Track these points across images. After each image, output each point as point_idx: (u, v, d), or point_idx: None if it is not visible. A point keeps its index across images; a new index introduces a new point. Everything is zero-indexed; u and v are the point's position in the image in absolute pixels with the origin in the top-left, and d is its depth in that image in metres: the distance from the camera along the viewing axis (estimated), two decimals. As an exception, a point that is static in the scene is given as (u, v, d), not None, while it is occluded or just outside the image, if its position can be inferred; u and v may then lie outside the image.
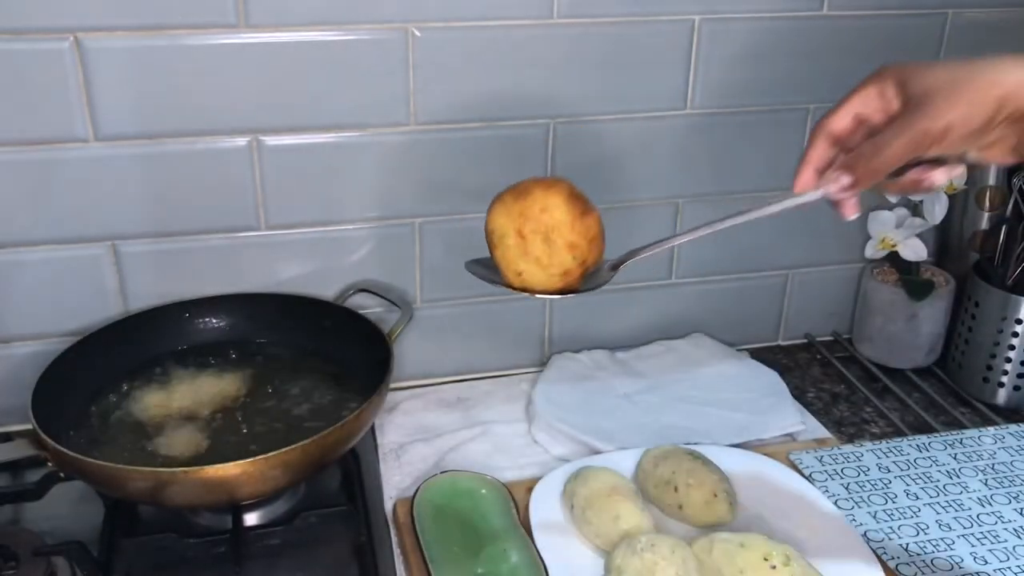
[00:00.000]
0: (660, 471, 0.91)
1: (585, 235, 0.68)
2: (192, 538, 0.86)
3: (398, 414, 1.09)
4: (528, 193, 0.69)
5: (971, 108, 0.59)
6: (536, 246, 0.68)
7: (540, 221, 0.68)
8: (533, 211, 0.68)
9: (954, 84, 0.59)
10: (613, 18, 1.04)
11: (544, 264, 0.68)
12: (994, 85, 0.58)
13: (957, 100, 0.59)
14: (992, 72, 0.59)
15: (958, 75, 0.60)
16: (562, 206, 0.68)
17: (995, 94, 0.58)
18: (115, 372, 1.00)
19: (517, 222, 0.69)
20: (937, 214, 1.13)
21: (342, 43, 0.98)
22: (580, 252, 0.69)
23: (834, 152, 0.67)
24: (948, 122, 0.59)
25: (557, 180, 0.71)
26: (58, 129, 0.95)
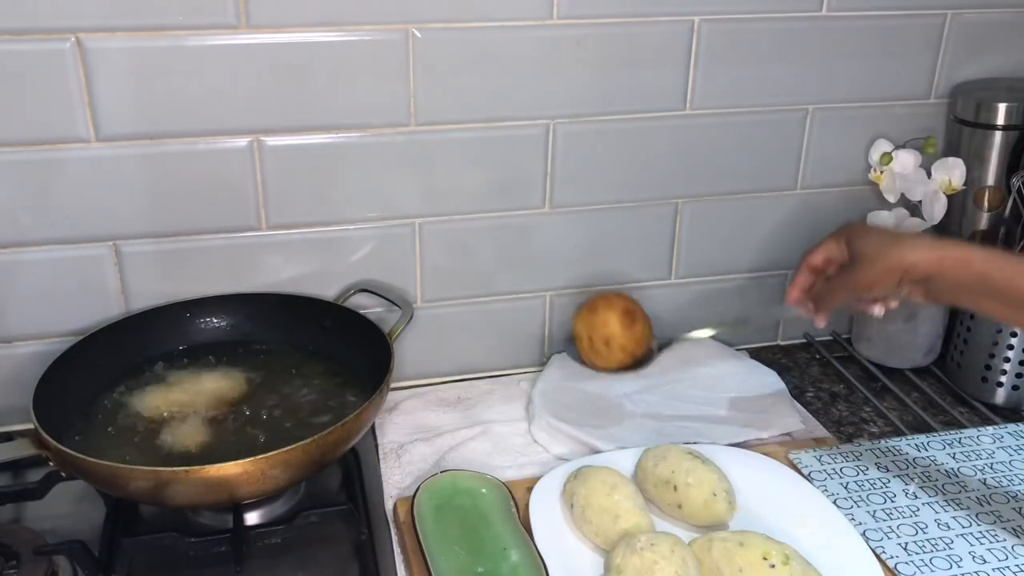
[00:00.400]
0: (659, 470, 0.91)
1: (633, 339, 0.99)
2: (193, 537, 0.87)
3: (398, 414, 1.09)
4: (595, 309, 1.00)
5: (885, 274, 0.83)
6: (600, 346, 1.00)
7: (602, 331, 0.99)
8: (597, 323, 0.99)
9: (876, 254, 0.83)
10: (613, 18, 1.04)
11: (605, 358, 1.00)
12: (900, 259, 0.82)
13: (876, 266, 0.83)
14: (900, 250, 0.82)
15: (880, 247, 0.84)
16: (616, 321, 0.99)
17: (900, 266, 0.82)
18: (116, 372, 1.00)
19: (588, 330, 1.01)
20: (936, 214, 1.14)
21: (342, 43, 0.98)
22: (630, 350, 0.99)
23: (813, 278, 0.92)
24: (870, 281, 0.84)
25: (618, 298, 1.01)
26: (59, 129, 0.95)
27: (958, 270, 0.80)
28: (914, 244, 0.82)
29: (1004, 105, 1.13)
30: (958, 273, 0.80)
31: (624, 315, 0.99)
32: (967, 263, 0.79)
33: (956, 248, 0.81)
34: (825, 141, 1.17)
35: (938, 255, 0.80)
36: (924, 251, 0.81)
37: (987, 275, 0.78)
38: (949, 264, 0.80)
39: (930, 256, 0.81)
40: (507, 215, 1.11)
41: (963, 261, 0.79)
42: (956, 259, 0.80)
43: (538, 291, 1.17)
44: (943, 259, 0.80)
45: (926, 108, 1.19)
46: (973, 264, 0.79)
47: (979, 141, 1.16)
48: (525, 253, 1.14)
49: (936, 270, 0.80)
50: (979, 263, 0.79)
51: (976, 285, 0.79)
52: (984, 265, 0.79)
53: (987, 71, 1.18)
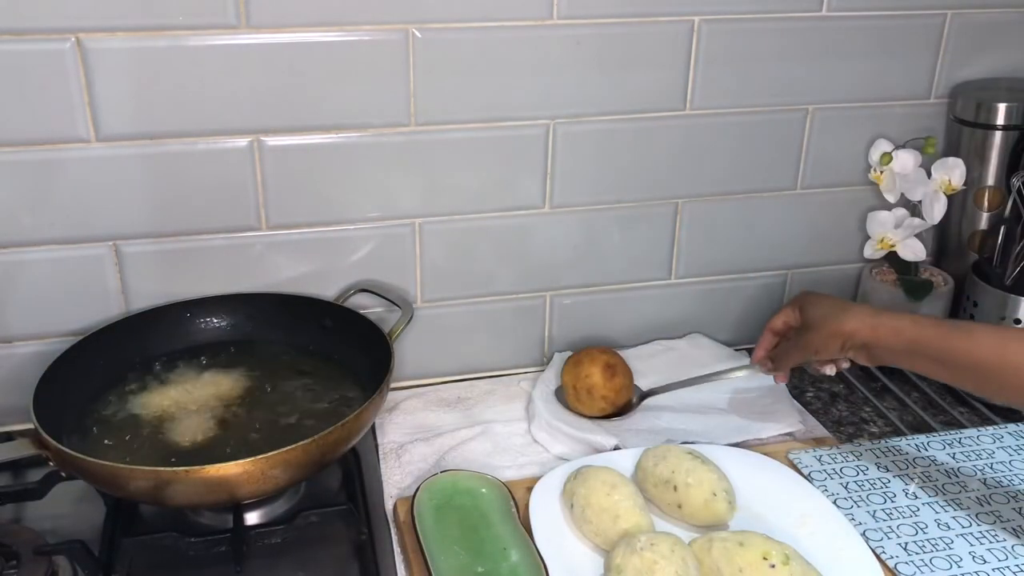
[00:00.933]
0: (659, 470, 0.91)
1: (613, 390, 1.05)
2: (193, 537, 0.87)
3: (398, 414, 1.09)
4: (580, 362, 1.07)
5: (828, 339, 0.93)
6: (583, 395, 1.06)
7: (585, 382, 1.06)
8: (581, 375, 1.06)
9: (822, 321, 0.93)
10: (613, 18, 1.04)
11: (588, 406, 1.06)
12: (840, 327, 0.91)
13: (821, 333, 0.93)
14: (841, 319, 0.91)
15: (825, 315, 0.93)
16: (598, 374, 1.05)
17: (840, 333, 0.91)
18: (116, 372, 1.00)
19: (573, 380, 1.07)
20: (936, 214, 1.14)
21: (342, 43, 0.98)
22: (611, 400, 1.06)
23: (775, 340, 1.02)
24: (816, 345, 0.94)
25: (600, 352, 1.07)
26: (60, 129, 0.95)
27: (891, 337, 0.88)
28: (854, 314, 0.91)
29: (1004, 105, 1.13)
30: (891, 340, 0.88)
31: (605, 368, 1.06)
32: (898, 331, 0.87)
33: (890, 318, 0.89)
34: (825, 141, 1.17)
35: (871, 324, 0.89)
36: (861, 320, 0.90)
37: (917, 341, 0.86)
38: (882, 332, 0.88)
39: (865, 325, 0.89)
40: (507, 215, 1.11)
41: (895, 329, 0.88)
42: (889, 328, 0.88)
43: (538, 291, 1.17)
44: (876, 328, 0.89)
45: (926, 108, 1.19)
46: (904, 332, 0.87)
47: (979, 141, 1.16)
48: (525, 253, 1.14)
49: (872, 338, 0.89)
50: (909, 330, 0.87)
51: (909, 350, 0.87)
52: (914, 332, 0.86)
53: (987, 71, 1.18)
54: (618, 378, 1.06)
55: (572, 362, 1.09)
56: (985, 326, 0.89)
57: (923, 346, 0.86)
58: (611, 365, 1.06)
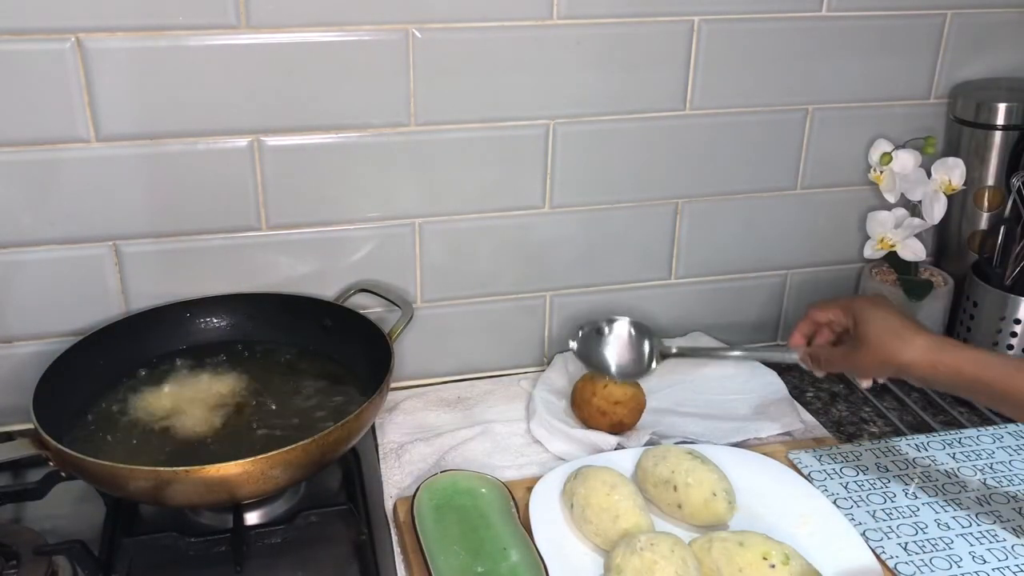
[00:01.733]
0: (659, 470, 0.91)
1: (608, 400, 1.03)
2: (193, 537, 0.87)
3: (398, 413, 1.09)
4: (585, 379, 1.06)
5: (882, 366, 0.88)
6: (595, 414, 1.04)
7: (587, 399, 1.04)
8: (587, 392, 1.04)
9: (877, 344, 0.87)
10: (613, 18, 1.04)
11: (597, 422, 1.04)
12: (896, 357, 0.86)
13: (875, 357, 0.88)
14: (899, 347, 0.86)
15: (882, 339, 0.87)
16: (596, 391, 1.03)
17: (896, 363, 0.86)
18: (116, 372, 1.00)
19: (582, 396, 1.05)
20: (936, 214, 1.14)
21: (342, 43, 0.98)
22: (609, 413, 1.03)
23: (814, 328, 0.96)
24: (868, 368, 0.91)
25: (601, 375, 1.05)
26: (60, 129, 0.95)
27: (950, 376, 0.84)
28: (914, 344, 0.85)
29: (1004, 105, 1.13)
30: (951, 378, 0.84)
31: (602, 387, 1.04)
32: (958, 371, 0.83)
33: (951, 355, 0.84)
34: (825, 141, 1.17)
35: (931, 361, 0.84)
36: (920, 354, 0.85)
37: (978, 380, 0.83)
38: (942, 371, 0.84)
39: (924, 361, 0.85)
40: (507, 215, 1.11)
41: (955, 369, 0.83)
42: (949, 367, 0.84)
43: (538, 291, 1.17)
44: (936, 365, 0.84)
45: (926, 108, 1.19)
46: (964, 372, 0.83)
47: (979, 141, 1.16)
48: (525, 253, 1.14)
49: (930, 374, 0.85)
50: (970, 370, 0.83)
51: (969, 388, 0.85)
52: (975, 371, 0.83)
53: (987, 71, 1.18)
54: (610, 389, 1.03)
55: (581, 381, 1.06)
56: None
57: (985, 385, 0.83)
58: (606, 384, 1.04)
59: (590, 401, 1.04)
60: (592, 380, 1.05)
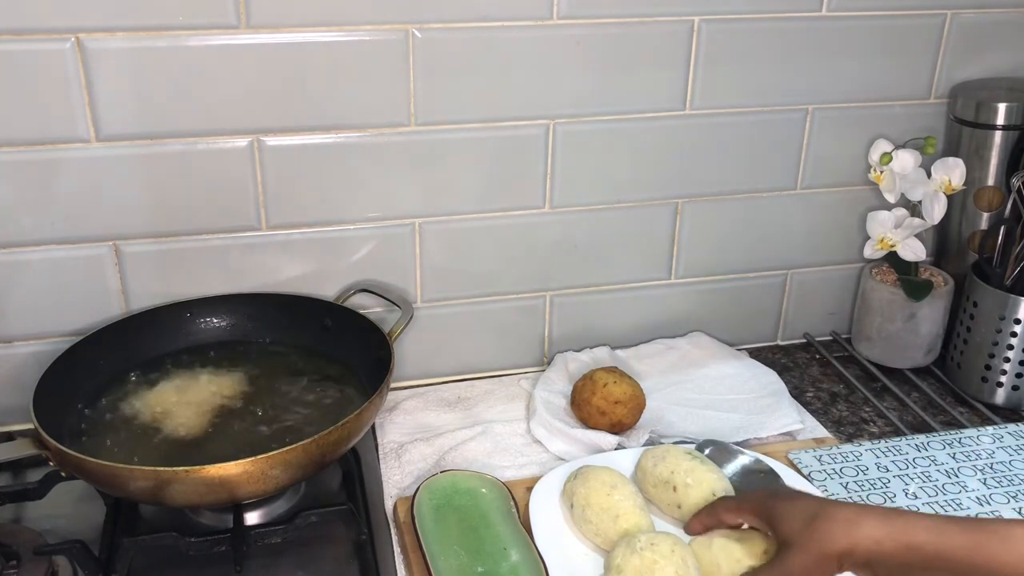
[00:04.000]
0: (659, 470, 0.91)
1: (608, 399, 1.03)
2: (193, 537, 0.87)
3: (398, 413, 1.09)
4: (585, 379, 1.07)
5: (821, 562, 0.72)
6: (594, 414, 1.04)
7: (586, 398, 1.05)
8: (586, 392, 1.05)
9: (804, 541, 0.72)
10: (613, 18, 1.04)
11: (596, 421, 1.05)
12: (832, 546, 0.71)
13: (809, 554, 0.72)
14: (831, 535, 0.71)
15: (808, 531, 0.72)
16: (596, 390, 1.04)
17: (834, 553, 0.71)
18: (116, 372, 1.00)
19: (582, 396, 1.06)
20: (936, 214, 1.14)
21: (342, 43, 0.98)
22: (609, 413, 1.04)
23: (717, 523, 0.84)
24: (806, 570, 0.72)
25: (598, 371, 1.06)
26: (60, 129, 0.95)
27: (904, 553, 0.69)
28: (846, 522, 0.71)
29: (1004, 105, 1.13)
30: (905, 556, 0.69)
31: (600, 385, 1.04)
32: (912, 547, 0.68)
33: (899, 528, 0.69)
34: (825, 141, 1.17)
35: (874, 539, 0.69)
36: (857, 533, 0.70)
37: (939, 556, 0.68)
38: (891, 548, 0.69)
39: (864, 540, 0.70)
40: (507, 215, 1.11)
41: (907, 546, 0.69)
42: (899, 543, 0.69)
43: (538, 291, 1.17)
44: (882, 543, 0.69)
45: (926, 108, 1.19)
46: (922, 547, 0.68)
47: (979, 141, 1.16)
48: (525, 253, 1.14)
49: (877, 554, 0.69)
50: (928, 543, 0.68)
51: (926, 566, 0.69)
52: (935, 545, 0.68)
53: (987, 71, 1.18)
54: (609, 389, 1.04)
55: (580, 381, 1.07)
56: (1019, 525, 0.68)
57: (947, 561, 0.67)
58: (604, 382, 1.04)
59: (590, 401, 1.04)
60: (592, 380, 1.05)
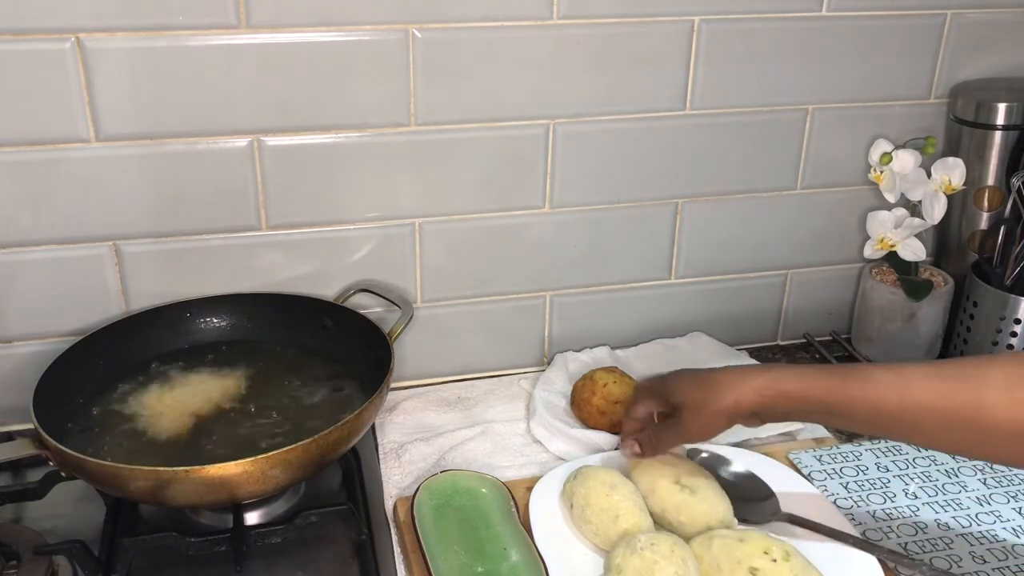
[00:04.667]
0: (651, 504, 0.90)
1: (607, 399, 1.03)
2: (193, 537, 0.87)
3: (398, 413, 1.09)
4: (585, 378, 1.07)
5: (712, 420, 0.81)
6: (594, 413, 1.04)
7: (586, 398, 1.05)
8: (586, 392, 1.05)
9: (695, 404, 0.82)
10: (613, 18, 1.04)
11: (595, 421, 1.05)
12: (719, 403, 0.80)
13: (701, 415, 0.82)
14: (717, 394, 0.80)
15: (697, 394, 0.82)
16: (596, 390, 1.04)
17: (722, 411, 0.80)
18: (116, 372, 1.00)
19: (582, 395, 1.06)
20: (936, 214, 1.14)
21: (342, 43, 0.98)
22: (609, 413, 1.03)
23: (639, 425, 0.91)
24: (700, 429, 0.83)
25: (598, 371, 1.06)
26: (60, 129, 0.95)
27: (779, 401, 0.78)
28: (729, 384, 0.80)
29: (1004, 105, 1.13)
30: (780, 403, 0.78)
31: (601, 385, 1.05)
32: (784, 394, 0.77)
33: (773, 378, 0.78)
34: (825, 141, 1.17)
35: (753, 389, 0.78)
36: (740, 389, 0.79)
37: (807, 399, 0.76)
38: (769, 396, 0.78)
39: (747, 392, 0.78)
40: (507, 215, 1.11)
41: (781, 393, 0.77)
42: (774, 391, 0.77)
43: (538, 291, 1.17)
44: (760, 392, 0.78)
45: (926, 108, 1.19)
46: (791, 393, 0.77)
47: (979, 141, 1.16)
48: (525, 253, 1.14)
49: (758, 404, 0.79)
50: (796, 389, 0.77)
51: (800, 409, 0.78)
52: (802, 390, 0.77)
53: (987, 71, 1.18)
54: (608, 388, 1.04)
55: (580, 381, 1.07)
56: (881, 368, 0.76)
57: (815, 403, 0.76)
58: (604, 382, 1.04)
59: (590, 401, 1.04)
60: (592, 380, 1.05)
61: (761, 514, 0.89)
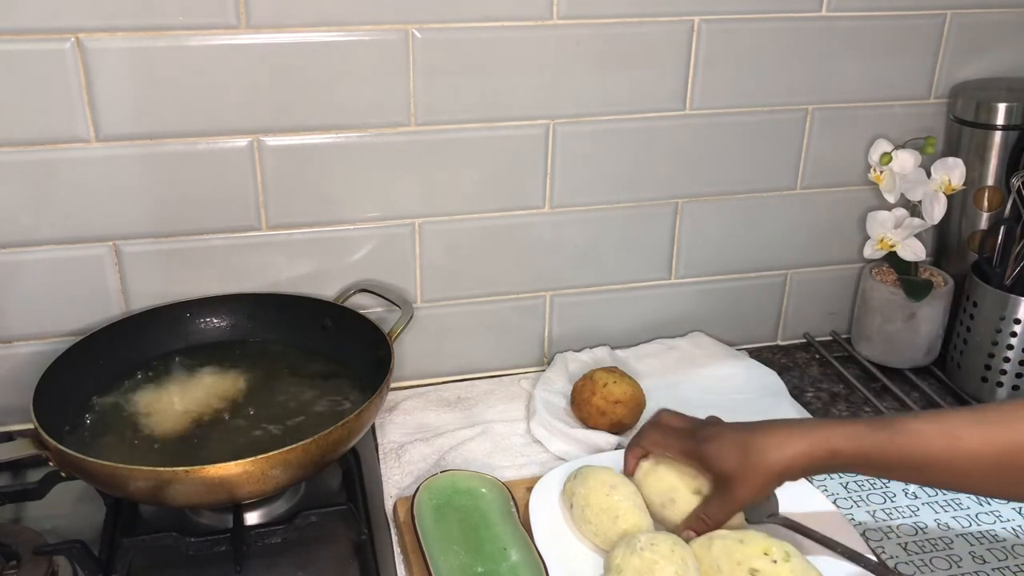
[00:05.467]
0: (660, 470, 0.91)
1: (607, 399, 1.04)
2: (193, 537, 0.87)
3: (398, 413, 1.10)
4: (585, 378, 1.07)
5: (762, 487, 0.80)
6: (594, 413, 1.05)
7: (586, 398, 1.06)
8: (586, 392, 1.06)
9: (743, 472, 0.79)
10: (613, 18, 1.04)
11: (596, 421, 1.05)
12: (768, 470, 0.78)
13: (747, 485, 0.80)
14: (763, 458, 0.78)
15: (744, 462, 0.79)
16: (596, 390, 1.05)
17: (773, 475, 0.79)
18: (116, 372, 1.00)
19: (582, 395, 1.06)
20: (936, 214, 1.14)
21: (342, 43, 0.98)
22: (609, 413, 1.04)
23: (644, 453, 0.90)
24: (750, 498, 0.81)
25: (598, 371, 1.07)
26: (59, 129, 0.95)
27: (828, 460, 0.77)
28: (777, 444, 0.78)
29: (1004, 105, 1.13)
30: (830, 463, 0.78)
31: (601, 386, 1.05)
32: (834, 454, 0.77)
33: (818, 436, 0.78)
34: (825, 141, 1.17)
35: (803, 452, 0.77)
36: (789, 451, 0.78)
37: (859, 455, 0.76)
38: (819, 457, 0.77)
39: (797, 456, 0.78)
40: (507, 215, 1.11)
41: (831, 452, 0.77)
42: (825, 451, 0.77)
43: (538, 291, 1.17)
44: (811, 455, 0.77)
45: (926, 108, 1.19)
46: (841, 452, 0.77)
47: (979, 141, 1.16)
48: (525, 253, 1.14)
49: (809, 466, 0.78)
50: (848, 449, 0.76)
51: (851, 464, 0.78)
52: (855, 450, 0.76)
53: (987, 71, 1.18)
54: (608, 389, 1.04)
55: (581, 381, 1.07)
56: (925, 419, 0.77)
57: (864, 459, 0.77)
58: (605, 382, 1.05)
59: (590, 401, 1.04)
60: (592, 380, 1.05)
61: (759, 515, 0.89)
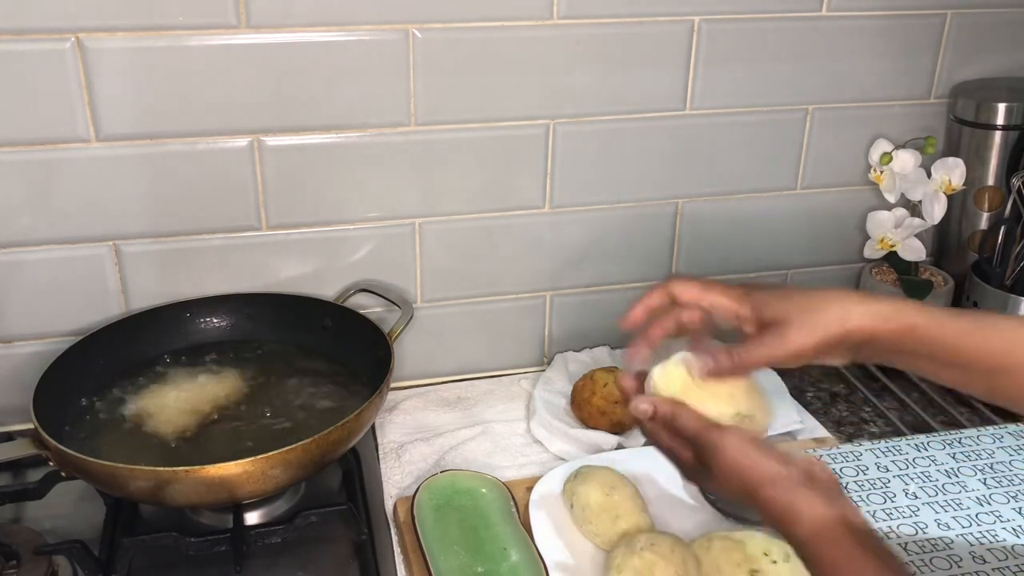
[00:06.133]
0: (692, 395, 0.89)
1: (607, 399, 1.03)
2: (193, 537, 0.87)
3: (398, 413, 1.10)
4: (585, 378, 1.07)
5: (824, 338, 0.70)
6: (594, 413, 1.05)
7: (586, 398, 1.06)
8: (586, 392, 1.06)
9: (807, 314, 0.70)
10: (613, 18, 1.04)
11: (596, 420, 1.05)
12: (842, 319, 0.69)
13: (806, 332, 0.70)
14: (839, 306, 0.70)
15: (811, 305, 0.71)
16: (596, 390, 1.05)
17: (843, 327, 0.69)
18: (116, 372, 1.00)
19: (582, 395, 1.06)
20: (936, 214, 1.14)
21: (342, 43, 0.98)
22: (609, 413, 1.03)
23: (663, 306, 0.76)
24: (801, 347, 0.70)
25: (598, 371, 1.06)
26: (60, 129, 0.95)
27: (901, 335, 0.69)
28: (854, 301, 0.71)
29: (1004, 105, 1.13)
30: (901, 338, 0.70)
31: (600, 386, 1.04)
32: (912, 328, 0.69)
33: (894, 307, 0.70)
34: (825, 141, 1.17)
35: (880, 314, 0.69)
36: (863, 309, 0.70)
37: (935, 338, 0.69)
38: (893, 329, 0.69)
39: (871, 316, 0.70)
40: (507, 215, 1.11)
41: (909, 326, 0.69)
42: (898, 324, 0.69)
43: (538, 291, 1.17)
44: (887, 321, 0.69)
45: (926, 108, 1.19)
46: (919, 329, 0.69)
47: (979, 141, 1.16)
48: (525, 253, 1.14)
49: (876, 334, 0.70)
50: (924, 327, 0.69)
51: (919, 347, 0.70)
52: (929, 328, 0.69)
53: (987, 71, 1.18)
54: (608, 389, 1.04)
55: (582, 381, 1.07)
56: (1018, 320, 0.71)
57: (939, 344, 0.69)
58: (604, 383, 1.05)
59: (590, 401, 1.04)
60: (592, 380, 1.05)
61: None
